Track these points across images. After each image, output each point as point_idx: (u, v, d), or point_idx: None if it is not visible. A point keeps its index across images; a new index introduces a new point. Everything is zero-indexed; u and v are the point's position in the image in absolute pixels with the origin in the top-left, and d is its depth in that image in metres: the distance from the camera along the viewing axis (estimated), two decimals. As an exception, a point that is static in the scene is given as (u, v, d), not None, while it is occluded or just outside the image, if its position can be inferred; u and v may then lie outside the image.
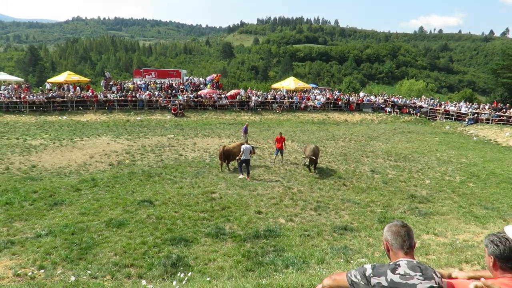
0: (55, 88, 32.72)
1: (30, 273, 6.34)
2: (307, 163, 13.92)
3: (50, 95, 28.91)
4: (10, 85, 31.51)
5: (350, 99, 34.58)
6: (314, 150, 14.09)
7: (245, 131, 19.27)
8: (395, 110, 33.39)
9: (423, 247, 7.24)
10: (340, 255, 7.09)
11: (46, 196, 10.51)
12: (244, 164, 13.30)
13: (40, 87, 36.09)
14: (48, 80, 35.69)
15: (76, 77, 35.25)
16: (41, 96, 28.70)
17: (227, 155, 14.27)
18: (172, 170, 13.80)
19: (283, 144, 15.65)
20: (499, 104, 30.37)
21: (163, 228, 8.46)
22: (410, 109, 33.28)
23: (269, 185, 12.47)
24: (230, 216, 9.36)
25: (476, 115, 28.49)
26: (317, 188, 12.31)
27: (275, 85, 41.18)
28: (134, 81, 37.11)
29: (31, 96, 28.36)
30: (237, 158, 14.23)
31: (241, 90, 35.45)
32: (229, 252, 7.40)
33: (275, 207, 10.29)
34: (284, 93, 35.83)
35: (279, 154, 15.77)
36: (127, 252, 7.26)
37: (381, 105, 34.17)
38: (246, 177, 13.08)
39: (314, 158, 13.83)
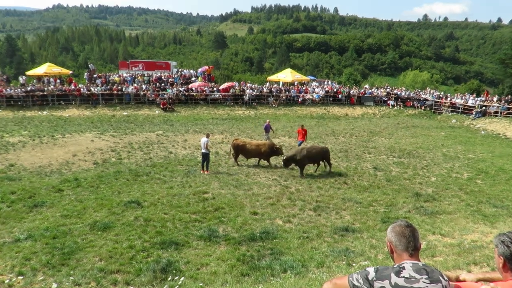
0: (34, 81, 32.40)
1: (7, 280, 6.28)
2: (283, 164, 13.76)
3: (29, 88, 28.63)
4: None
5: (351, 92, 34.66)
6: (297, 150, 13.75)
7: (267, 129, 18.63)
8: (399, 103, 33.52)
9: (429, 248, 7.27)
10: (341, 258, 7.11)
11: (25, 197, 10.41)
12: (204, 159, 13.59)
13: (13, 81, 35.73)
14: (27, 73, 35.35)
15: (57, 69, 34.95)
16: (19, 89, 28.40)
17: (236, 149, 14.88)
18: (162, 169, 13.74)
19: (305, 137, 17.09)
20: (509, 96, 30.54)
21: (152, 231, 8.42)
22: (414, 102, 33.42)
23: (265, 184, 12.46)
24: (224, 218, 9.35)
25: (483, 107, 28.68)
26: (316, 187, 12.33)
27: (271, 78, 41.19)
28: (120, 73, 36.89)
29: (8, 89, 28.06)
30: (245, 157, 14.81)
31: (234, 83, 35.42)
32: (223, 256, 7.39)
33: (272, 207, 10.28)
34: (280, 86, 35.80)
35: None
36: (113, 257, 7.21)
37: (384, 98, 34.26)
38: (206, 171, 13.42)
39: (286, 158, 13.49)
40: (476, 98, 31.01)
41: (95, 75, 34.16)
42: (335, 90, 34.74)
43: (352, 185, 12.67)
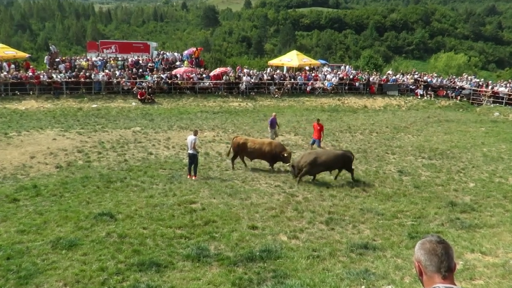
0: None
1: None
2: (289, 170, 13.96)
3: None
4: None
5: (371, 79, 34.66)
6: (303, 155, 13.74)
7: (273, 125, 18.87)
8: (429, 92, 33.54)
9: (467, 269, 7.28)
10: (360, 281, 7.12)
11: (-27, 209, 10.40)
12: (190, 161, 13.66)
13: None
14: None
15: (11, 52, 34.84)
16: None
17: (236, 149, 14.92)
18: (139, 174, 13.76)
19: (322, 133, 17.49)
20: None
21: (128, 250, 8.42)
22: (448, 91, 33.45)
23: (266, 191, 12.48)
24: (216, 233, 9.36)
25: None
26: (328, 195, 12.35)
27: (272, 62, 41.26)
28: (88, 57, 36.83)
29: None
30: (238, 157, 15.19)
31: (228, 68, 35.41)
32: (214, 280, 7.39)
33: (275, 220, 10.30)
34: (284, 72, 35.78)
35: (315, 145, 17.30)
36: (80, 282, 7.21)
37: (411, 87, 34.28)
38: (193, 176, 13.50)
39: (293, 167, 13.47)
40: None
41: (57, 59, 34.09)
42: (351, 76, 34.76)
43: (372, 192, 12.70)
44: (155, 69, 33.52)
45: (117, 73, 31.16)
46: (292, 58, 38.36)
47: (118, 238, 8.92)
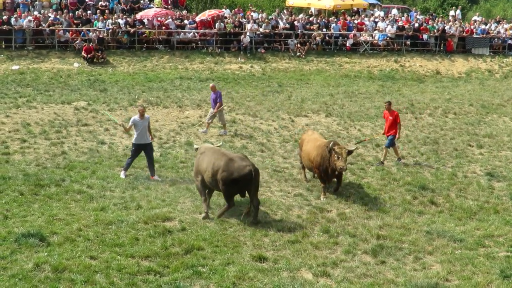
0: None
1: None
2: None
3: None
4: None
5: (447, 28, 34.28)
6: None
7: (213, 104, 18.51)
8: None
9: None
10: None
11: None
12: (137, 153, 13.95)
13: None
14: None
15: None
16: None
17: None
18: (85, 174, 13.79)
19: (398, 126, 15.67)
20: None
21: (68, 290, 8.47)
22: None
23: (281, 204, 12.48)
24: (203, 267, 9.36)
25: None
26: (377, 210, 12.33)
27: (293, 1, 40.70)
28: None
29: None
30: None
31: (223, 11, 35.04)
32: None
33: (293, 248, 10.31)
34: (311, 18, 35.48)
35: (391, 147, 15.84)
36: None
37: (510, 42, 33.93)
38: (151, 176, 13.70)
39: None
40: None
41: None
42: (416, 25, 34.44)
43: (445, 206, 12.68)
44: (108, 11, 33.20)
45: (51, 17, 31.03)
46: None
47: (53, 273, 8.90)
